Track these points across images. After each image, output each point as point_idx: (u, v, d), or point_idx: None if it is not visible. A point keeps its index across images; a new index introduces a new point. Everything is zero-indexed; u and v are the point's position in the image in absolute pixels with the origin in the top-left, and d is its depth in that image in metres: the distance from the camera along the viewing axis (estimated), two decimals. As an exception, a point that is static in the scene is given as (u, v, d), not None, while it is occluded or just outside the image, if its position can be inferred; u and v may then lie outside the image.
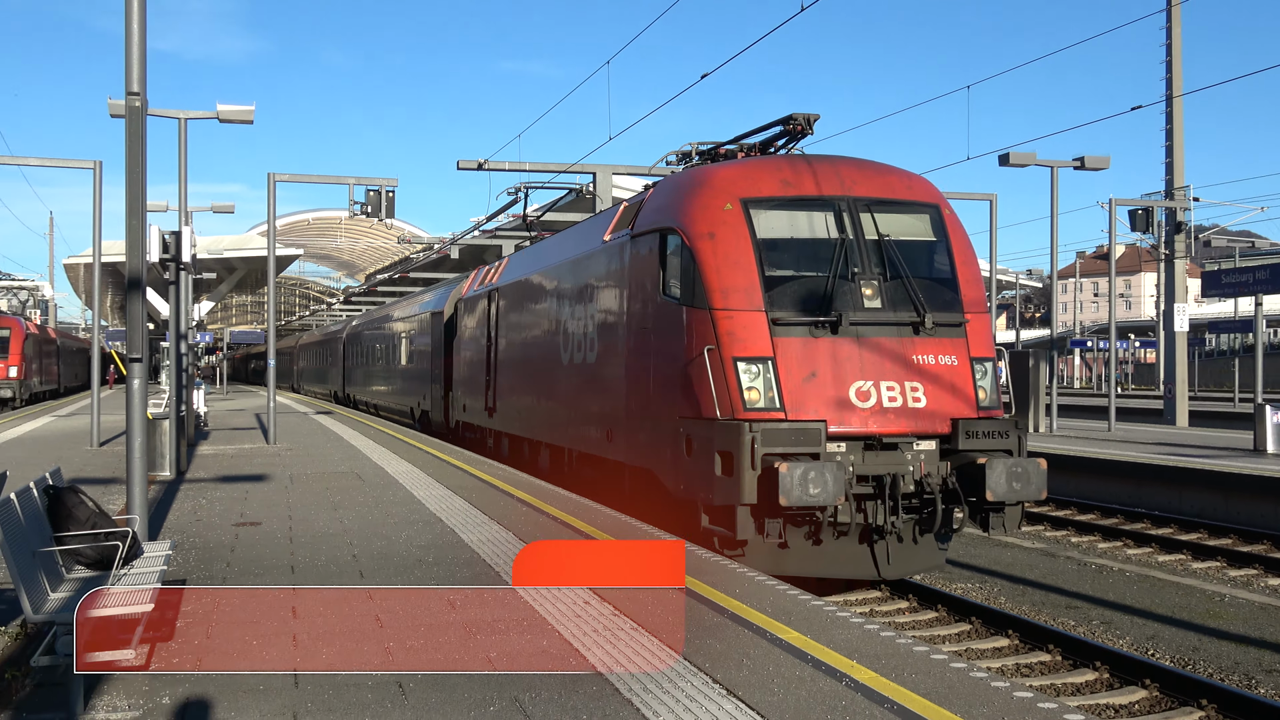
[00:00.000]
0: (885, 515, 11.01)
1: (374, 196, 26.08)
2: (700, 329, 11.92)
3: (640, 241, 13.85)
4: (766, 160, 13.90)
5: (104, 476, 16.84)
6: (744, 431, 10.74)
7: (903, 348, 11.66)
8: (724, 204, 12.28)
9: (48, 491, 7.39)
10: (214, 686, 6.37)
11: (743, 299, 11.64)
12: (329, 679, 6.53)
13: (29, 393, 49.87)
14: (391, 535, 11.73)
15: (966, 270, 12.70)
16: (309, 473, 18.11)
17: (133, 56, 9.90)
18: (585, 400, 16.06)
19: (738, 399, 11.30)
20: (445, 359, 28.01)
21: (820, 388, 11.32)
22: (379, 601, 8.57)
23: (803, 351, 11.49)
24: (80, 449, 22.53)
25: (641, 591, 8.91)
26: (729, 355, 11.42)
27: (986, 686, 6.37)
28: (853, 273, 11.82)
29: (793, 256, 12.34)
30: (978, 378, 11.90)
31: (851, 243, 11.97)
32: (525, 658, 6.98)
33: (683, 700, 6.11)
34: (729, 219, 12.13)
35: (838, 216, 12.21)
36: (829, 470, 10.39)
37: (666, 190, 14.02)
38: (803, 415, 11.14)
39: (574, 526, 12.22)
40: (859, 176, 12.92)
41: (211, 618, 8.03)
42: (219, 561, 10.22)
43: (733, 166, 13.65)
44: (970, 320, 12.20)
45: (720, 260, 11.90)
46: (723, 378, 11.36)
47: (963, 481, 11.19)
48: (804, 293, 11.78)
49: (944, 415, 11.45)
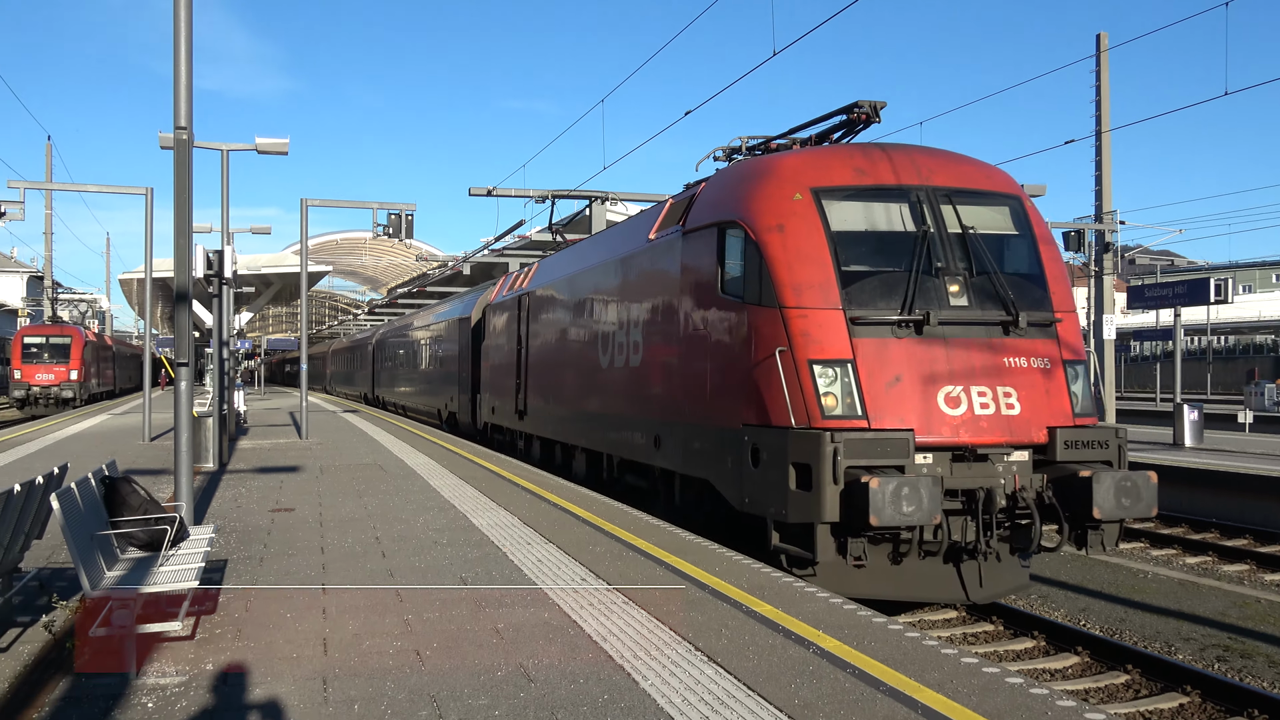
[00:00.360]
0: (978, 533, 9.22)
1: (395, 219, 26.17)
2: (769, 329, 9.96)
3: (694, 238, 11.81)
4: (836, 148, 11.67)
5: (154, 468, 16.78)
6: (824, 442, 8.92)
7: (993, 349, 9.72)
8: (793, 194, 10.31)
9: (104, 481, 7.38)
10: (252, 655, 6.36)
11: (817, 296, 9.71)
12: (355, 646, 6.53)
13: (88, 393, 49.72)
14: (410, 519, 11.71)
15: (1054, 266, 10.71)
16: (337, 464, 18.07)
17: (180, 95, 9.90)
18: (628, 405, 13.88)
19: (814, 406, 9.38)
20: (473, 363, 26.80)
21: (905, 393, 9.39)
22: (400, 579, 8.55)
23: (885, 353, 9.53)
24: (133, 443, 22.45)
25: (631, 568, 8.94)
26: (803, 358, 9.53)
27: (937, 653, 6.39)
28: (936, 268, 9.92)
29: (870, 250, 10.18)
30: (1071, 382, 9.97)
31: (934, 235, 10.06)
32: (529, 628, 6.98)
33: (668, 665, 6.11)
34: (799, 210, 10.18)
35: (916, 207, 10.28)
36: (924, 486, 8.65)
37: (724, 182, 11.89)
38: (886, 424, 9.27)
39: (572, 512, 12.20)
40: (936, 165, 10.87)
41: (250, 594, 8.01)
42: (257, 543, 10.19)
43: (800, 155, 11.43)
44: (1062, 320, 10.24)
45: (791, 254, 9.97)
46: (796, 382, 9.49)
47: (1059, 496, 9.39)
48: (884, 289, 9.80)
49: (1039, 423, 9.56)
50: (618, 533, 10.69)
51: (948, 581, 9.87)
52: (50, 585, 7.97)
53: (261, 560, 9.35)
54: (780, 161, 11.11)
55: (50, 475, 7.15)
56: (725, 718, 5.24)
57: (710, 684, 5.77)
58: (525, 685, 5.77)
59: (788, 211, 10.24)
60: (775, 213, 10.32)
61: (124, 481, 7.51)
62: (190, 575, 6.24)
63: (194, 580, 6.15)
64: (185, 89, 9.91)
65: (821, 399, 9.40)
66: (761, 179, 10.92)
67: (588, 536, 10.51)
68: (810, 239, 10.02)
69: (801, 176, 10.53)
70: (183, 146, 9.96)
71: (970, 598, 10.01)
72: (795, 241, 10.04)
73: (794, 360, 9.60)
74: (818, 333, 9.60)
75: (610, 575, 8.63)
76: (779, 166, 10.96)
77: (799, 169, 10.74)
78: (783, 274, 9.94)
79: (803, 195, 10.25)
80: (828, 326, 9.62)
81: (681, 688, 5.70)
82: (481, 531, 10.85)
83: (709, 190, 12.06)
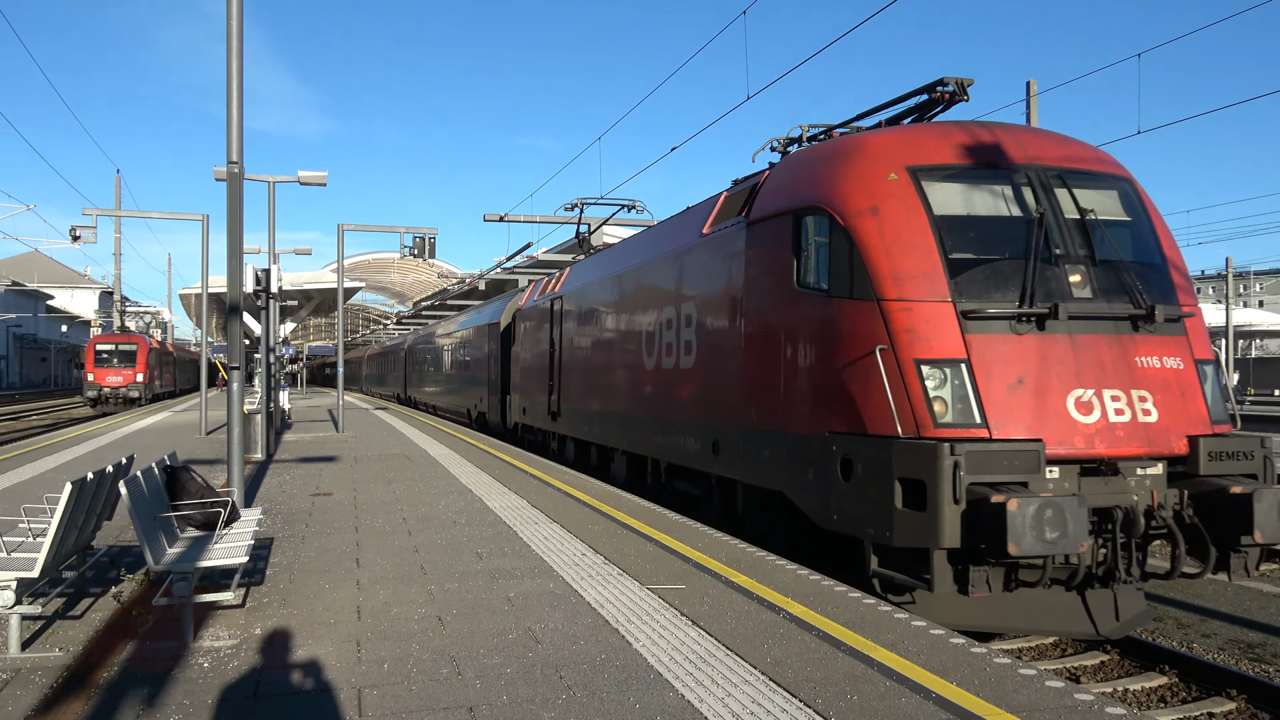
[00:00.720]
0: (1115, 559, 7.13)
1: (419, 241, 26.28)
2: (864, 325, 7.86)
3: (762, 228, 9.64)
4: (928, 124, 9.32)
5: (210, 458, 16.72)
6: (943, 455, 6.88)
7: (1123, 347, 7.65)
8: (886, 173, 8.25)
9: (166, 470, 7.36)
10: (295, 620, 6.34)
11: (923, 287, 7.65)
12: (385, 613, 6.51)
13: (151, 394, 49.60)
14: (432, 502, 11.67)
15: (1175, 255, 8.61)
16: (369, 455, 18.01)
17: (233, 134, 9.89)
18: (679, 408, 11.61)
19: (924, 412, 7.33)
20: (502, 365, 24.93)
21: (1029, 398, 7.33)
22: (423, 555, 8.53)
23: (1004, 351, 7.46)
24: (191, 437, 22.36)
25: (625, 543, 8.93)
26: (908, 356, 7.47)
27: (890, 618, 6.38)
28: (1055, 255, 7.84)
29: (979, 236, 8.04)
30: (1203, 384, 7.91)
31: (1050, 220, 7.98)
32: (536, 597, 6.97)
33: (656, 628, 6.10)
34: (896, 191, 8.10)
35: (1027, 189, 8.21)
36: (1069, 508, 6.60)
37: (798, 166, 9.56)
38: (1009, 432, 7.21)
39: (574, 496, 12.18)
40: (1040, 143, 8.77)
41: (295, 566, 7.98)
42: (299, 523, 10.15)
43: (889, 132, 9.10)
44: (1192, 314, 8.17)
45: (890, 240, 7.89)
46: (901, 385, 7.44)
47: (1203, 514, 7.30)
48: (999, 280, 7.72)
49: (1178, 432, 7.49)
50: (613, 514, 10.67)
51: (1071, 613, 7.76)
52: (119, 561, 7.94)
53: (303, 538, 9.32)
54: (869, 140, 8.91)
55: (119, 465, 7.12)
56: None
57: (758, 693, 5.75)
58: (533, 646, 5.76)
59: (882, 193, 8.18)
60: (867, 194, 8.24)
61: (183, 470, 7.48)
62: (241, 552, 6.22)
63: (244, 556, 6.13)
64: (237, 128, 9.90)
65: (931, 404, 7.36)
66: (848, 159, 8.74)
67: (587, 517, 10.49)
68: (911, 223, 7.95)
69: (895, 154, 8.46)
70: (234, 179, 9.96)
71: (1100, 631, 7.81)
72: (893, 225, 7.98)
73: (897, 360, 7.54)
74: (924, 328, 7.58)
75: (607, 551, 8.62)
76: (868, 144, 8.78)
77: (892, 146, 8.61)
78: (880, 262, 7.86)
79: (899, 175, 8.25)
80: (936, 321, 7.58)
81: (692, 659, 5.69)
82: (495, 513, 10.83)
83: (777, 177, 9.87)
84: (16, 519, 7.18)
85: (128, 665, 5.42)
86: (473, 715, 4.65)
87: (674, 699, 4.86)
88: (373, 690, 5.00)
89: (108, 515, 7.38)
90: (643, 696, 4.90)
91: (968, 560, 7.04)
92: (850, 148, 8.88)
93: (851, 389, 7.94)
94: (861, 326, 7.92)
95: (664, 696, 4.90)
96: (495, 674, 5.26)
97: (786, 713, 4.66)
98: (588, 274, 16.75)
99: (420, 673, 5.29)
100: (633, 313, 13.69)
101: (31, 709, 4.75)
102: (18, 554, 5.76)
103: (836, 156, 8.96)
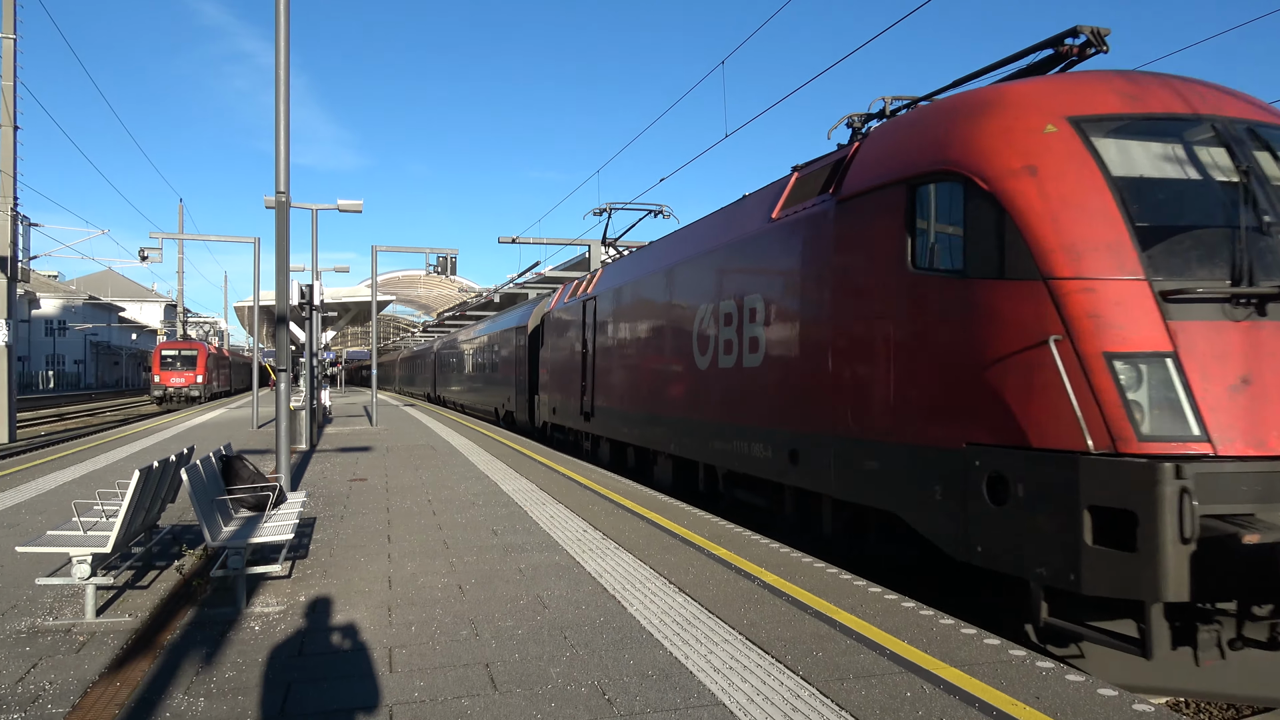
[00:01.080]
0: None
1: (442, 260, 26.40)
2: (1024, 310, 5.51)
3: (859, 204, 7.20)
4: (1083, 71, 6.58)
5: (260, 448, 16.66)
6: (1165, 478, 4.67)
7: None
8: (1042, 125, 5.88)
9: (222, 458, 7.34)
10: (334, 589, 6.33)
11: (1107, 262, 5.35)
12: (412, 582, 6.50)
13: (210, 393, 49.42)
14: (454, 486, 11.65)
15: None
16: (399, 445, 17.96)
17: (280, 168, 9.89)
18: (745, 410, 9.14)
19: (1121, 421, 5.11)
20: (530, 367, 22.88)
21: (1259, 400, 5.09)
22: (446, 532, 8.51)
23: (1218, 343, 5.20)
24: (245, 430, 22.28)
25: (621, 521, 8.92)
26: (1095, 349, 5.20)
27: (850, 584, 6.36)
28: (1265, 224, 5.53)
29: (1166, 199, 5.67)
30: None
31: (1254, 180, 5.62)
32: (544, 568, 6.96)
33: (649, 595, 6.10)
34: (1057, 146, 5.77)
35: (1213, 146, 5.87)
36: None
37: (911, 126, 7.06)
38: (1238, 447, 4.97)
39: (573, 479, 12.17)
40: (1216, 95, 6.28)
41: (334, 542, 7.96)
42: (338, 505, 10.13)
43: (1037, 80, 6.47)
44: None
45: (1056, 205, 5.60)
46: (1086, 386, 5.20)
47: None
48: (1202, 252, 5.41)
49: None
50: (611, 495, 10.66)
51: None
52: (180, 538, 7.91)
53: (342, 518, 9.30)
54: (1011, 89, 6.39)
55: (181, 455, 7.10)
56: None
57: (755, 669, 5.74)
58: (541, 610, 5.75)
59: (1039, 149, 5.86)
60: (1020, 151, 5.90)
61: (237, 459, 7.46)
62: (288, 530, 6.20)
63: (290, 534, 6.12)
64: (284, 163, 9.91)
65: (1131, 411, 5.10)
66: (988, 112, 6.28)
67: (589, 499, 10.48)
68: (1082, 183, 5.66)
69: (1050, 104, 6.05)
70: (282, 207, 9.96)
71: None
72: (1058, 188, 5.68)
73: (1078, 354, 5.27)
74: (1114, 313, 5.27)
75: (605, 528, 8.61)
76: (1012, 94, 6.30)
77: (1043, 95, 6.16)
78: (1045, 232, 5.58)
79: (1058, 127, 5.88)
80: (1128, 304, 5.27)
81: (667, 619, 5.69)
82: (508, 495, 10.81)
83: (875, 145, 7.44)
84: (92, 502, 7.16)
85: (188, 629, 5.41)
86: (489, 670, 4.65)
87: (663, 656, 4.87)
88: (402, 649, 5.00)
89: (171, 498, 7.36)
90: (636, 654, 4.90)
91: (1197, 617, 4.96)
92: (988, 99, 6.42)
93: (1004, 390, 5.63)
94: (1020, 312, 5.61)
95: (655, 654, 4.90)
96: (508, 635, 5.25)
97: (760, 667, 4.67)
98: (625, 273, 14.16)
99: (443, 634, 5.28)
100: (681, 310, 11.14)
101: (105, 667, 4.73)
102: (93, 532, 5.75)
103: (970, 110, 6.45)
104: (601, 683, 4.48)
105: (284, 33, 9.72)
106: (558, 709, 4.14)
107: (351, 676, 4.58)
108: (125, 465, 13.85)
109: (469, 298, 55.89)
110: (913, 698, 4.26)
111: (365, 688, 4.42)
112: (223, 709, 4.15)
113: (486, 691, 4.37)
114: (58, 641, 5.17)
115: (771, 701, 4.22)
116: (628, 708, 4.16)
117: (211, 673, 4.63)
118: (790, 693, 4.33)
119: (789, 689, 4.38)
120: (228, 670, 4.67)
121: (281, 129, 9.79)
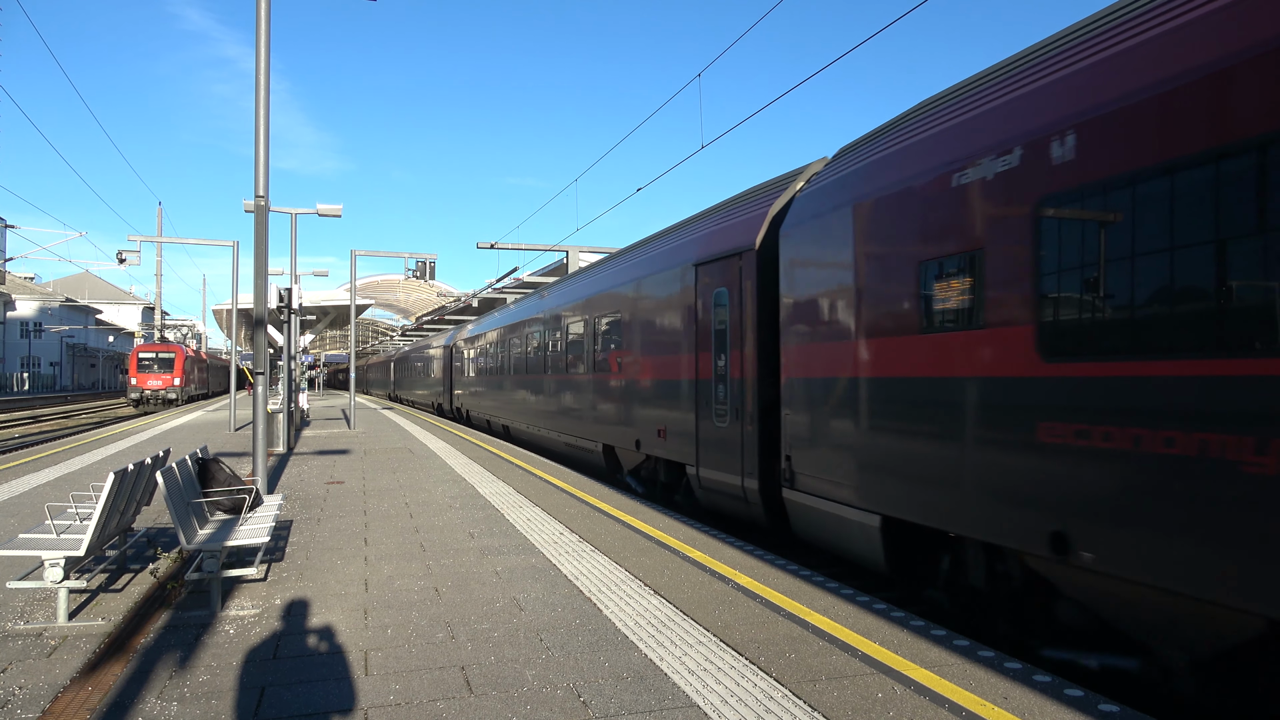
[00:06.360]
0: None
1: (421, 265, 26.22)
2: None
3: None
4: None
5: (237, 451, 16.41)
6: None
7: None
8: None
9: (198, 461, 7.20)
10: (310, 592, 6.23)
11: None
12: (389, 585, 6.41)
13: (187, 396, 48.75)
14: (431, 489, 11.54)
15: None
16: (377, 448, 17.78)
17: (260, 172, 9.76)
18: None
19: None
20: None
21: None
22: (423, 535, 8.42)
23: None
24: (222, 433, 21.96)
25: (597, 524, 8.87)
26: None
27: (822, 587, 6.37)
28: None
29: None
30: None
31: None
32: (520, 570, 6.90)
33: (624, 597, 6.06)
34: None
35: None
36: None
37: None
38: None
39: (550, 482, 12.10)
40: None
41: (311, 545, 7.85)
42: (315, 508, 9.99)
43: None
44: None
45: None
46: None
47: None
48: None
49: None
50: (587, 498, 10.61)
51: None
52: (156, 541, 7.76)
53: (319, 520, 9.17)
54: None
55: (156, 457, 6.97)
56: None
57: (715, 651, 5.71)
58: (517, 613, 5.69)
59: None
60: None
61: (213, 461, 7.33)
62: (263, 533, 6.09)
63: (266, 537, 6.01)
64: (263, 167, 9.77)
65: None
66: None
67: (565, 502, 10.42)
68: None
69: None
70: (261, 211, 9.82)
71: None
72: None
73: None
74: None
75: (582, 531, 8.56)
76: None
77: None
78: None
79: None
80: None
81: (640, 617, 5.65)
82: (485, 498, 10.72)
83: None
84: (66, 504, 7.00)
85: (162, 633, 5.29)
86: (465, 674, 4.59)
87: (638, 659, 4.83)
88: (378, 652, 4.92)
89: (146, 501, 7.21)
90: (612, 656, 4.86)
91: None
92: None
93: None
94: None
95: (630, 656, 4.86)
96: (484, 637, 5.19)
97: (734, 669, 4.64)
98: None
99: (419, 637, 5.20)
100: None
101: (77, 671, 4.61)
102: (66, 535, 5.61)
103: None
104: (577, 685, 4.43)
105: (264, 36, 9.59)
106: (533, 711, 4.09)
107: (327, 680, 4.50)
108: (100, 468, 13.59)
109: (448, 302, 55.59)
110: (884, 698, 4.25)
111: (341, 691, 4.34)
112: (196, 713, 4.05)
113: (462, 694, 4.30)
114: (29, 646, 5.04)
115: (745, 703, 4.20)
116: (603, 710, 4.11)
117: (185, 677, 4.53)
118: (764, 694, 4.31)
119: (762, 690, 4.36)
120: (202, 674, 4.57)
121: (261, 133, 9.66)
